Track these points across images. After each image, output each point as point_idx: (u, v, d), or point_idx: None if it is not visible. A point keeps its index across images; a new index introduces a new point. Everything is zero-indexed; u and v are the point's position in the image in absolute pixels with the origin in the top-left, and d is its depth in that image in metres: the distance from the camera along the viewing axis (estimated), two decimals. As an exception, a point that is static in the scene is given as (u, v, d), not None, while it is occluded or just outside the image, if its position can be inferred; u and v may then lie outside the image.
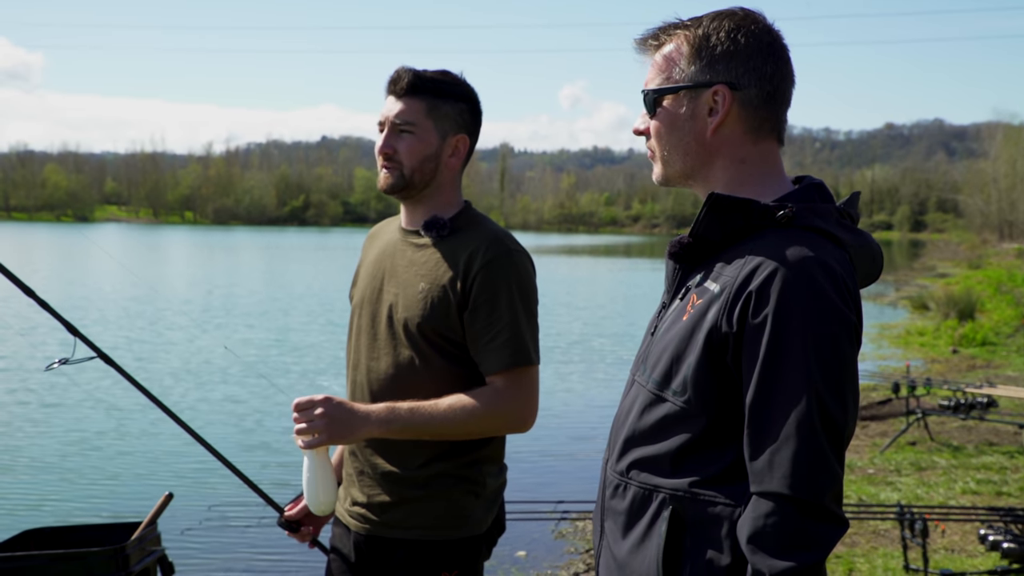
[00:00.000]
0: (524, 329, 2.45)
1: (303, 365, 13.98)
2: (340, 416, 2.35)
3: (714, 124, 1.75)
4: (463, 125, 2.55)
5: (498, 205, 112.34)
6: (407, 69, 2.52)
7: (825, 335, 1.57)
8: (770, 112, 1.76)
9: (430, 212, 2.55)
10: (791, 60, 1.78)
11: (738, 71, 1.73)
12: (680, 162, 1.81)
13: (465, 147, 2.57)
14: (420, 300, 2.46)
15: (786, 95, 1.78)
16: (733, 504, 1.62)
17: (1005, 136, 65.09)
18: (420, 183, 2.52)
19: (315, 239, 69.77)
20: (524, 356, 2.44)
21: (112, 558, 3.68)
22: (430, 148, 2.51)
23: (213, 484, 7.79)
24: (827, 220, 1.71)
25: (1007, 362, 14.19)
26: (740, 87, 1.74)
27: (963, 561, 5.71)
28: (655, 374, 1.73)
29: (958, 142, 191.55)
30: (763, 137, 1.77)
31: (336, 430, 2.35)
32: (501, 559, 6.12)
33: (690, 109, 1.77)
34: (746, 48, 1.73)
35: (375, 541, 2.51)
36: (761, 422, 1.58)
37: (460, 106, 2.54)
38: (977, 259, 43.36)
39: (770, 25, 1.77)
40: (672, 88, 1.77)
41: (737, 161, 1.77)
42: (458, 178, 2.60)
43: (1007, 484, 7.47)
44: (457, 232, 2.51)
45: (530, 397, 2.46)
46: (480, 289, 2.42)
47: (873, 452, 8.73)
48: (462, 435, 2.43)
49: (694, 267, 1.78)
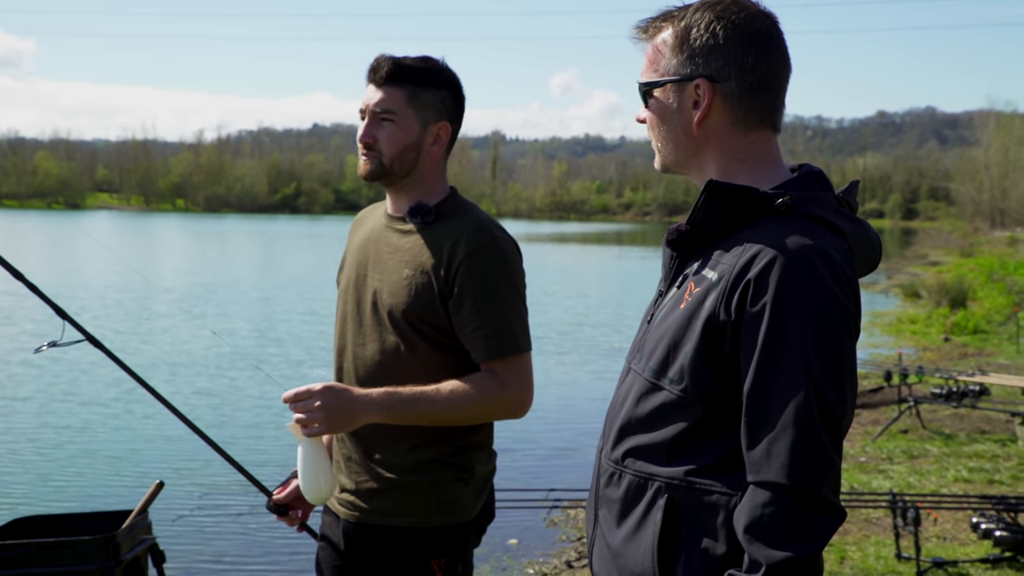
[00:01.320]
0: (513, 316, 2.44)
1: (291, 354, 13.96)
2: (340, 407, 2.33)
3: (698, 117, 1.75)
4: (444, 112, 2.52)
5: (489, 193, 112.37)
6: (387, 57, 2.49)
7: (824, 324, 1.56)
8: (756, 102, 1.74)
9: (415, 199, 2.53)
10: (783, 46, 1.75)
11: (717, 64, 1.72)
12: (673, 153, 1.81)
13: (447, 134, 2.54)
14: (404, 287, 2.45)
15: (774, 83, 1.75)
16: (729, 493, 1.61)
17: (997, 124, 65.28)
18: (400, 171, 2.51)
19: (306, 226, 69.75)
20: (514, 344, 2.43)
21: (103, 546, 3.67)
22: (411, 136, 2.49)
23: (204, 473, 7.78)
24: (826, 208, 1.70)
25: (999, 350, 14.24)
26: (720, 79, 1.72)
27: (955, 549, 5.72)
28: (651, 362, 1.72)
29: (950, 130, 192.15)
30: (753, 127, 1.76)
31: (336, 421, 2.33)
32: (493, 547, 6.12)
33: (676, 102, 1.77)
34: (725, 41, 1.72)
35: (364, 529, 2.51)
36: (759, 411, 1.57)
37: (441, 93, 2.51)
38: (969, 247, 43.47)
39: (760, 12, 1.74)
40: (659, 82, 1.78)
41: (727, 152, 1.76)
42: (442, 165, 2.57)
43: (999, 472, 7.49)
44: (442, 219, 2.50)
45: (526, 383, 2.46)
46: (466, 277, 2.41)
47: (865, 440, 8.75)
48: (461, 421, 2.43)
49: (691, 255, 1.77)
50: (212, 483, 7.50)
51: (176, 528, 6.49)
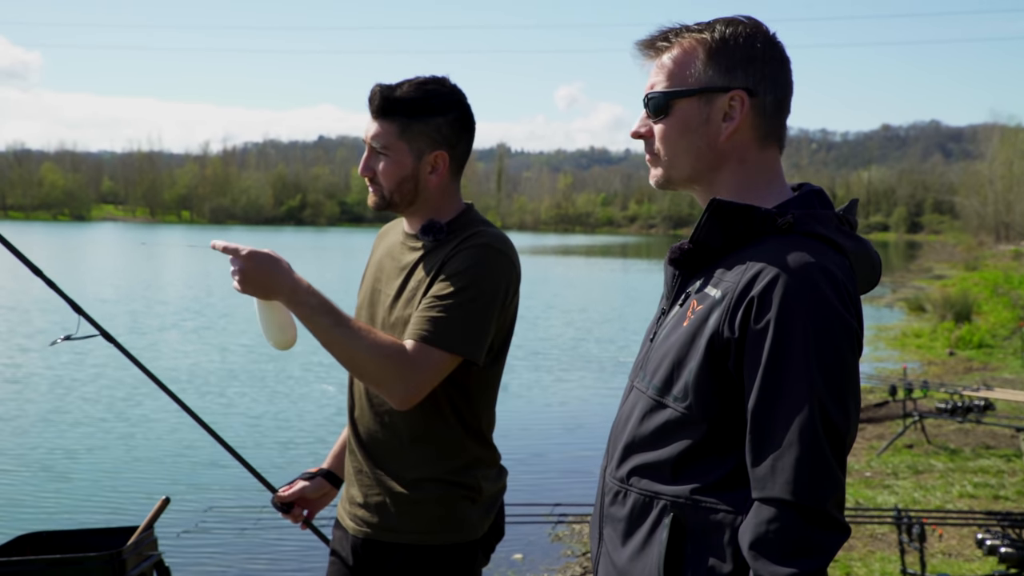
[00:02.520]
0: (459, 314, 2.36)
1: (305, 366, 13.97)
2: (256, 276, 2.31)
3: (729, 129, 1.74)
4: (441, 140, 2.48)
5: (495, 205, 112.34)
6: (379, 88, 2.47)
7: (827, 341, 1.57)
8: (778, 120, 1.77)
9: (427, 217, 2.53)
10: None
11: (756, 77, 1.73)
12: (689, 166, 1.79)
13: (445, 163, 2.50)
14: (411, 303, 2.45)
15: (789, 103, 1.80)
16: (735, 511, 1.62)
17: (1002, 138, 65.15)
18: (402, 202, 2.51)
19: (312, 239, 69.74)
20: (444, 338, 2.34)
21: (109, 563, 3.67)
22: (405, 170, 2.48)
23: (210, 487, 7.79)
24: (827, 226, 1.71)
25: (1004, 364, 14.21)
26: (757, 93, 1.74)
27: (960, 565, 5.71)
28: (655, 380, 1.73)
29: (954, 143, 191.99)
30: (768, 144, 1.78)
31: (248, 287, 2.32)
32: (498, 562, 6.12)
33: (705, 113, 1.76)
34: (763, 55, 1.74)
35: (372, 545, 2.51)
36: (763, 428, 1.58)
37: (436, 121, 2.47)
38: (974, 261, 43.39)
39: (773, 34, 1.78)
40: (687, 91, 1.76)
41: (745, 167, 1.77)
42: (448, 188, 2.54)
43: (1004, 488, 7.47)
44: (453, 236, 2.49)
45: (423, 378, 2.34)
46: (445, 274, 2.39)
47: (870, 455, 8.73)
48: (345, 359, 2.34)
49: (694, 273, 1.78)
50: (217, 498, 7.50)
51: (181, 543, 6.49)
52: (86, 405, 11.00)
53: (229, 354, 14.98)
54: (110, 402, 11.07)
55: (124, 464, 8.73)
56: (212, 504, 7.34)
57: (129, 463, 8.76)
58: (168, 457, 8.87)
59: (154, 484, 7.96)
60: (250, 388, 12.16)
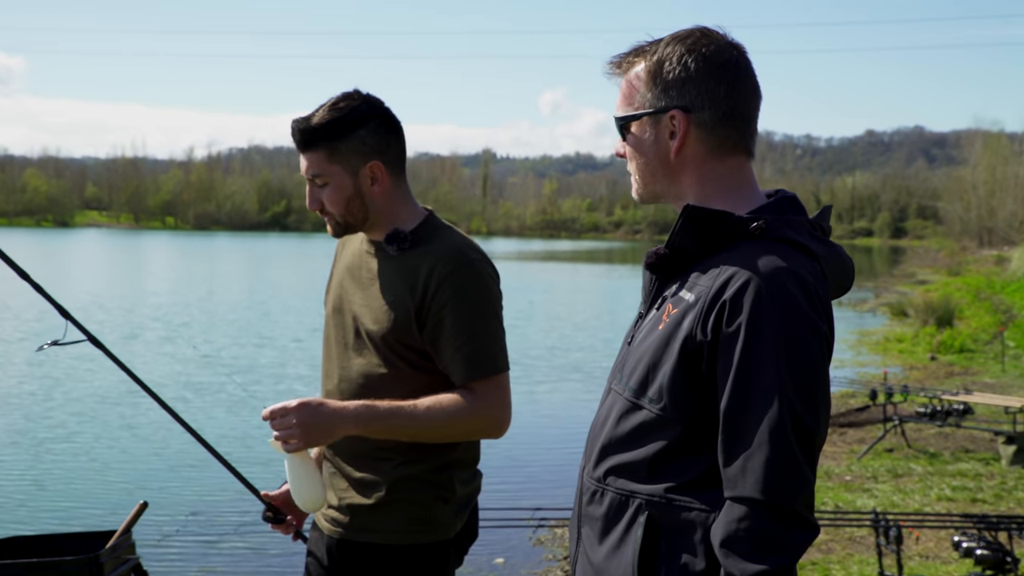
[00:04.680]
0: (489, 338, 2.46)
1: (278, 368, 13.95)
2: (316, 422, 2.37)
3: (675, 146, 1.79)
4: (369, 151, 2.50)
5: (480, 211, 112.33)
6: (295, 123, 2.50)
7: (796, 343, 1.61)
8: (731, 130, 1.79)
9: (389, 226, 2.55)
10: (752, 74, 1.81)
11: (691, 95, 1.77)
12: (651, 183, 1.86)
13: (382, 171, 2.51)
14: (383, 312, 2.48)
15: (745, 111, 1.80)
16: (708, 510, 1.65)
17: (985, 143, 65.51)
18: (357, 221, 2.55)
19: (297, 245, 69.56)
20: (491, 364, 2.45)
21: (86, 567, 3.67)
22: (347, 191, 2.50)
23: (191, 492, 7.78)
24: (799, 232, 1.74)
25: (985, 369, 14.30)
26: (693, 110, 1.77)
27: (937, 568, 5.75)
28: (632, 382, 1.76)
29: (938, 149, 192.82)
30: (727, 153, 1.81)
31: (313, 436, 2.38)
32: (479, 566, 6.13)
33: (652, 134, 1.81)
34: (697, 73, 1.77)
35: (347, 545, 2.54)
36: (735, 428, 1.61)
37: (359, 134, 2.48)
38: (956, 266, 43.61)
39: (728, 43, 1.80)
40: (634, 115, 1.83)
41: (704, 179, 1.81)
42: (395, 193, 2.55)
43: (982, 491, 7.53)
44: (419, 244, 2.51)
45: (503, 403, 2.48)
46: (442, 302, 2.43)
47: (850, 459, 8.78)
48: (438, 438, 2.45)
49: (670, 277, 1.81)
50: (197, 503, 7.49)
51: (161, 549, 6.47)
52: (69, 409, 10.96)
53: (216, 359, 14.95)
54: (93, 406, 11.03)
55: (106, 468, 8.70)
56: (194, 509, 7.33)
57: (111, 467, 8.73)
58: (151, 462, 8.84)
59: (133, 490, 7.93)
60: (235, 393, 12.12)
